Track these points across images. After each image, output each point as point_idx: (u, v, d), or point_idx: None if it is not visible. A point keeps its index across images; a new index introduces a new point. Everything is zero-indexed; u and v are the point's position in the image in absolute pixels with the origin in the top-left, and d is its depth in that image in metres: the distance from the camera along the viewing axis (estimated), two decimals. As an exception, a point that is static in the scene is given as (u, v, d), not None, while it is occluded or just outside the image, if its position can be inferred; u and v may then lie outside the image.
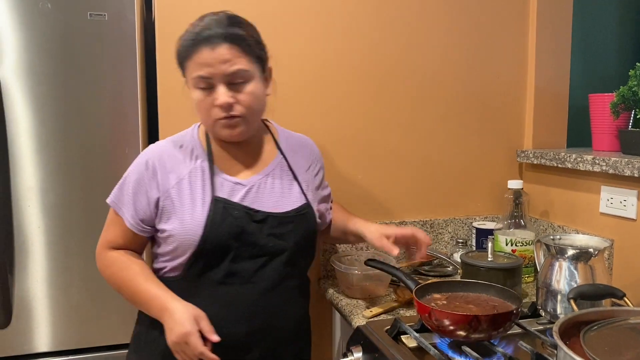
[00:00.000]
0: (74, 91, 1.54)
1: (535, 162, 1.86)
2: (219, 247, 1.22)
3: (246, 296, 1.24)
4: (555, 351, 0.94)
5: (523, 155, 1.93)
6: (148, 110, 1.70)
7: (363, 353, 1.30)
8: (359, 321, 1.43)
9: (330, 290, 1.69)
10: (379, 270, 1.54)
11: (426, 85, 1.87)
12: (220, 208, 1.23)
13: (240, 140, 1.29)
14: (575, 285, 1.30)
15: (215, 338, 1.15)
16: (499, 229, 1.75)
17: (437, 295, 1.31)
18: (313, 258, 1.41)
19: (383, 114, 1.83)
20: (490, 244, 1.52)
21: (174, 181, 1.25)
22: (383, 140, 1.84)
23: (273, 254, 1.26)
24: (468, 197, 1.95)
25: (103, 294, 1.60)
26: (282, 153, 1.38)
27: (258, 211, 1.26)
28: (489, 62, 1.92)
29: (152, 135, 1.74)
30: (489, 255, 1.50)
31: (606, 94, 1.72)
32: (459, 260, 1.77)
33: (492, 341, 1.19)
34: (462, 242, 1.86)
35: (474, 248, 1.87)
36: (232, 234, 1.22)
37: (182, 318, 1.14)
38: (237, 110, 1.20)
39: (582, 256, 1.34)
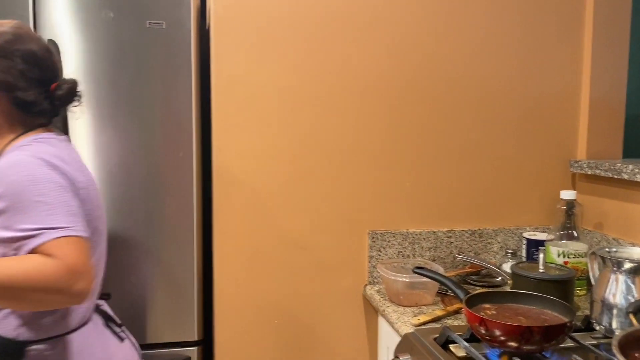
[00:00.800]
0: (131, 96, 1.60)
1: (589, 173, 1.81)
2: None
3: None
4: (613, 366, 0.91)
5: (577, 165, 1.88)
6: (202, 115, 1.74)
7: (410, 361, 1.29)
8: (405, 329, 1.42)
9: (377, 297, 1.69)
10: (426, 279, 1.53)
11: (478, 94, 1.85)
12: None
13: None
14: (632, 300, 1.26)
15: None
16: (551, 240, 1.71)
17: (486, 305, 1.29)
18: None
19: (432, 122, 1.83)
20: (541, 255, 1.49)
21: None
22: (432, 149, 1.83)
23: None
24: (518, 206, 1.92)
25: (154, 293, 1.66)
26: None
27: None
28: (542, 71, 1.89)
29: (205, 140, 1.78)
30: (540, 267, 1.47)
31: (666, 103, 1.67)
32: (507, 270, 1.75)
33: (544, 353, 1.16)
34: (511, 253, 1.83)
35: (524, 259, 1.83)
36: None
37: None
38: None
39: (640, 270, 1.30)
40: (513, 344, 1.13)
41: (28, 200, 1.02)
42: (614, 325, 1.30)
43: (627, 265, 1.30)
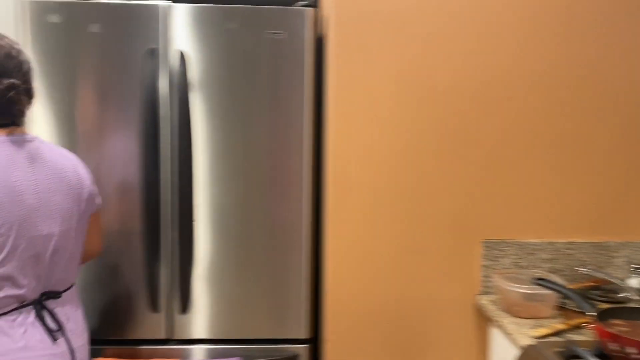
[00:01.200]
0: (251, 102, 1.69)
1: None
2: None
3: None
4: None
5: None
6: (316, 121, 1.79)
7: (532, 374, 1.25)
8: (524, 341, 1.38)
9: (491, 307, 1.65)
10: (544, 291, 1.48)
11: (607, 98, 1.75)
12: None
13: None
14: None
15: None
16: (685, 256, 1.58)
17: (617, 322, 1.23)
18: None
19: (557, 124, 1.75)
20: (677, 272, 1.38)
21: None
22: (551, 155, 1.76)
23: None
24: (647, 219, 1.79)
25: (265, 290, 1.73)
26: None
27: None
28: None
29: (319, 145, 1.83)
30: (676, 284, 1.37)
31: None
32: (633, 286, 1.64)
33: (685, 377, 1.08)
34: (637, 268, 1.71)
35: (652, 275, 1.71)
36: None
37: None
38: None
39: None
40: (650, 364, 1.06)
41: None
42: None
43: None
